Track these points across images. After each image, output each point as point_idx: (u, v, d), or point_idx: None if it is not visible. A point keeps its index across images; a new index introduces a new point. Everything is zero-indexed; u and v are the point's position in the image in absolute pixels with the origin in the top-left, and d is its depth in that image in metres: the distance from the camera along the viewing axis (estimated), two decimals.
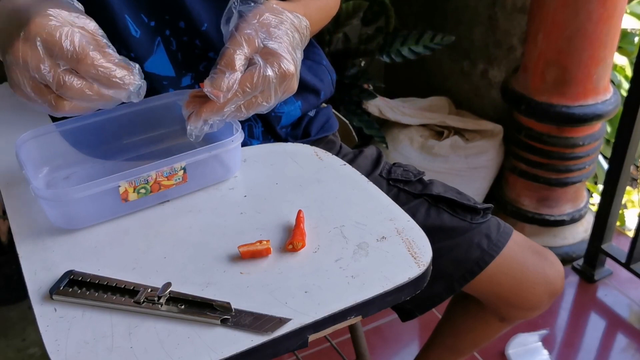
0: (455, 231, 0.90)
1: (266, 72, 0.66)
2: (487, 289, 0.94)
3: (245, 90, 0.66)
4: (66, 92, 0.60)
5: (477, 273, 0.90)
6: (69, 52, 0.58)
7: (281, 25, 0.70)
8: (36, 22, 0.58)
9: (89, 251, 0.67)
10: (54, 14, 0.60)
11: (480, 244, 0.90)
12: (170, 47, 0.85)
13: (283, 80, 0.68)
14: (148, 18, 0.82)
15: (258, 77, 0.66)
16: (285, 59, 0.68)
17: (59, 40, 0.58)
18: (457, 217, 0.91)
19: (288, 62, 0.68)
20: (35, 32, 0.58)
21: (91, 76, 0.60)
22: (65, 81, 0.59)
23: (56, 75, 0.59)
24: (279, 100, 0.70)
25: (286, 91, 0.70)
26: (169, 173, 0.71)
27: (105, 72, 0.60)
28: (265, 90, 0.68)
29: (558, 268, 0.97)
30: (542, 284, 0.95)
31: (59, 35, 0.58)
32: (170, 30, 0.84)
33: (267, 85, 0.67)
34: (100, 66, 0.60)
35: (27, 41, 0.58)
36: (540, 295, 0.96)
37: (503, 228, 0.93)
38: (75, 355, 0.55)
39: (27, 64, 0.58)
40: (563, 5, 1.52)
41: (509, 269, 0.92)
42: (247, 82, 0.66)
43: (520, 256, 0.93)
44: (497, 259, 0.90)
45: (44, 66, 0.58)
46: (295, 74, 0.70)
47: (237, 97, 0.66)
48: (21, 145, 0.74)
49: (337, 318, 0.59)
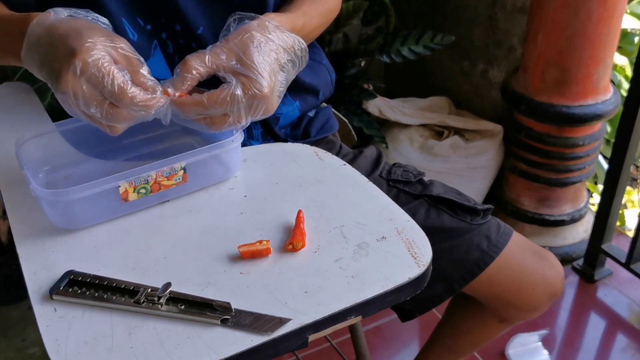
0: (455, 232, 0.90)
1: (235, 91, 0.67)
2: (486, 290, 0.94)
3: (210, 103, 0.67)
4: (111, 120, 0.65)
5: (477, 274, 0.90)
6: (112, 93, 0.63)
7: (265, 45, 0.70)
8: (81, 58, 0.63)
9: (89, 251, 0.67)
10: (91, 46, 0.64)
11: (480, 245, 0.90)
12: (167, 50, 0.85)
13: (253, 101, 0.68)
14: (144, 22, 0.83)
15: (225, 94, 0.67)
16: (258, 82, 0.68)
17: (102, 81, 0.63)
18: (457, 218, 0.91)
19: (260, 85, 0.68)
20: (82, 70, 0.63)
21: (133, 111, 0.65)
22: (111, 112, 0.64)
23: (102, 109, 0.64)
24: (253, 119, 0.70)
25: (260, 112, 0.70)
26: (169, 173, 0.71)
27: (144, 105, 0.65)
28: (235, 111, 0.68)
29: (558, 269, 0.97)
30: (541, 285, 0.95)
31: (101, 76, 0.63)
32: (167, 34, 0.84)
33: (236, 105, 0.67)
34: (137, 103, 0.64)
35: (75, 76, 0.63)
36: (540, 296, 0.96)
37: (503, 229, 0.93)
38: (75, 355, 0.55)
39: (78, 99, 0.64)
40: (563, 5, 1.52)
41: (509, 270, 0.92)
42: (214, 97, 0.67)
43: (520, 257, 0.93)
44: (496, 260, 0.90)
45: (92, 104, 0.64)
46: (271, 97, 0.69)
47: (202, 105, 0.67)
48: (21, 145, 0.74)
49: (337, 318, 0.59)
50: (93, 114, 0.64)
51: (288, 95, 0.94)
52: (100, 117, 0.64)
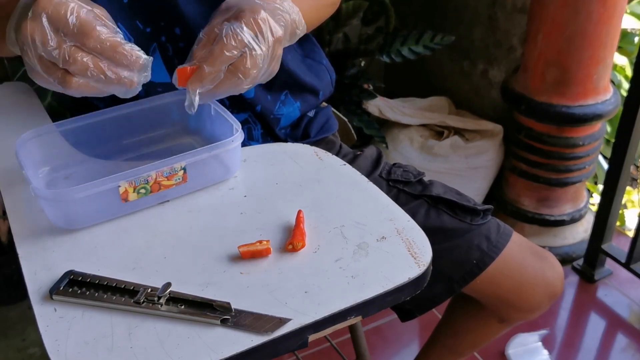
0: (455, 232, 0.90)
1: (232, 26, 0.64)
2: (486, 290, 0.94)
3: (220, 53, 0.64)
4: (71, 67, 0.60)
5: (476, 274, 0.90)
6: (75, 27, 0.59)
7: (266, 6, 0.68)
8: (43, 0, 0.59)
9: (89, 251, 0.67)
10: None
11: (480, 246, 0.90)
12: (167, 53, 0.85)
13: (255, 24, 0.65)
14: (143, 25, 0.82)
15: (225, 34, 0.64)
16: (248, 10, 0.66)
17: (64, 15, 0.59)
18: (456, 219, 0.91)
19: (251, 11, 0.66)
20: (42, 9, 0.59)
21: (98, 51, 0.60)
22: (70, 56, 0.59)
23: (62, 50, 0.59)
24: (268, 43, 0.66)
25: (270, 33, 0.66)
26: (169, 173, 0.71)
27: (111, 45, 0.60)
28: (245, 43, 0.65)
29: (558, 270, 0.97)
30: (541, 285, 0.95)
31: (64, 11, 0.59)
32: (166, 37, 0.84)
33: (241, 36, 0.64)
34: (106, 40, 0.60)
35: (35, 19, 0.59)
36: (540, 297, 0.96)
37: (503, 229, 0.93)
38: (75, 355, 0.55)
39: (34, 41, 0.59)
40: (563, 5, 1.52)
41: (509, 271, 0.92)
42: (217, 46, 0.64)
43: (520, 258, 0.93)
44: (496, 260, 0.90)
45: (50, 42, 0.59)
46: (267, 18, 0.66)
47: (217, 59, 0.64)
48: (21, 145, 0.74)
49: (337, 318, 0.59)
50: (49, 58, 0.60)
51: (289, 95, 0.94)
52: (56, 57, 0.59)
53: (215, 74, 0.65)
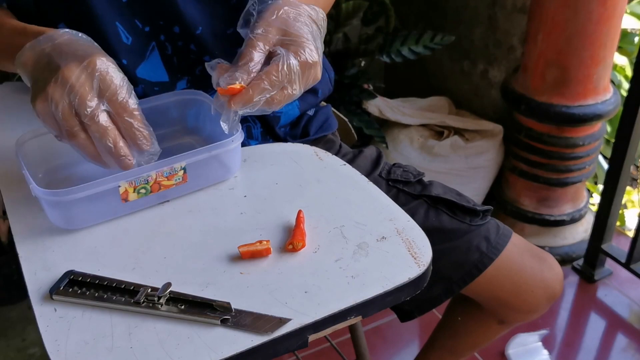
0: (455, 233, 0.90)
1: (289, 60, 0.68)
2: (485, 291, 0.94)
3: (273, 81, 0.67)
4: (92, 126, 0.63)
5: (476, 276, 0.90)
6: (119, 97, 0.64)
7: (299, 17, 0.72)
8: (101, 59, 0.64)
9: (89, 251, 0.67)
10: (113, 62, 0.65)
11: (480, 247, 0.89)
12: (166, 52, 0.85)
13: (306, 68, 0.69)
14: (142, 24, 0.82)
15: (282, 66, 0.67)
16: (308, 47, 0.69)
17: (115, 85, 0.64)
18: (456, 219, 0.90)
19: (310, 50, 0.69)
20: (98, 68, 0.63)
21: (127, 124, 0.64)
22: (99, 117, 0.63)
23: (96, 109, 0.63)
24: (305, 88, 0.71)
25: (311, 78, 0.71)
26: (169, 173, 0.71)
27: (140, 125, 0.65)
28: (292, 80, 0.68)
29: (557, 271, 0.97)
30: (540, 287, 0.95)
31: (116, 80, 0.64)
32: (165, 36, 0.84)
33: (293, 74, 0.68)
34: (138, 119, 0.65)
35: (86, 71, 0.63)
36: (539, 298, 0.96)
37: (502, 230, 0.92)
38: (75, 355, 0.55)
39: (74, 89, 0.62)
40: (563, 5, 1.52)
41: (508, 272, 0.92)
42: (273, 73, 0.67)
43: (519, 259, 0.93)
44: (496, 261, 0.90)
45: (90, 98, 0.62)
46: (319, 62, 0.71)
47: (267, 89, 0.67)
48: (21, 145, 0.74)
49: (337, 318, 0.59)
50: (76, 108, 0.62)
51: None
52: (87, 112, 0.62)
53: (259, 102, 0.68)
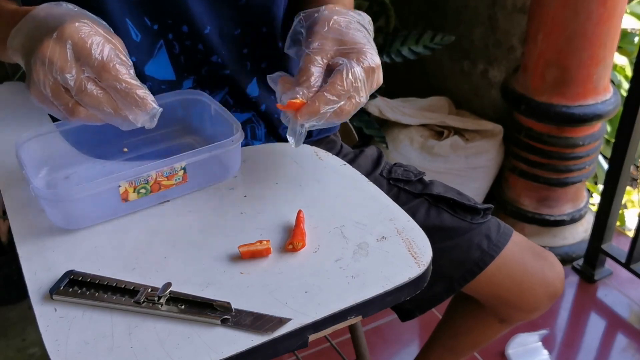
0: (455, 231, 0.90)
1: (354, 69, 0.67)
2: (486, 290, 0.94)
3: (338, 91, 0.66)
4: (84, 99, 0.60)
5: (476, 274, 0.90)
6: (96, 60, 0.60)
7: (350, 25, 0.71)
8: (71, 26, 0.60)
9: (89, 251, 0.67)
10: (88, 23, 0.61)
11: (480, 245, 0.89)
12: (173, 50, 0.85)
13: (370, 73, 0.68)
14: (151, 21, 0.82)
15: (347, 74, 0.66)
16: (369, 53, 0.69)
17: (89, 47, 0.60)
18: (457, 217, 0.90)
19: (372, 55, 0.69)
20: (68, 35, 0.59)
21: (113, 87, 0.60)
22: (87, 87, 0.60)
23: (79, 79, 0.60)
24: (370, 93, 0.70)
25: (375, 83, 0.70)
26: (169, 173, 0.71)
27: (128, 87, 0.61)
28: (358, 88, 0.67)
29: (558, 270, 0.97)
30: (541, 285, 0.95)
31: (90, 43, 0.60)
32: (173, 34, 0.84)
33: (359, 81, 0.67)
34: (123, 80, 0.61)
35: (59, 42, 0.59)
36: (540, 296, 0.96)
37: (503, 229, 0.92)
38: (76, 355, 0.55)
39: (53, 64, 0.59)
40: (563, 6, 1.52)
41: (509, 270, 0.92)
42: (338, 83, 0.66)
43: (520, 257, 0.93)
44: (496, 260, 0.90)
45: (69, 69, 0.59)
46: (380, 65, 0.70)
47: (332, 100, 0.66)
48: (21, 145, 0.74)
49: (337, 318, 0.59)
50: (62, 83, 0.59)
51: None
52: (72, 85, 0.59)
53: (326, 114, 0.67)
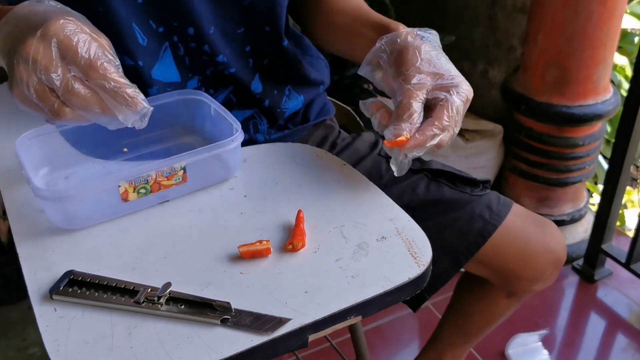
0: (457, 203, 0.90)
1: (455, 102, 0.69)
2: (492, 261, 0.94)
3: (444, 126, 0.68)
4: (71, 99, 0.58)
5: (481, 244, 0.90)
6: (82, 59, 0.57)
7: (436, 52, 0.73)
8: (55, 24, 0.57)
9: (89, 251, 0.67)
10: (73, 21, 0.58)
11: (482, 215, 0.90)
12: (178, 52, 0.85)
13: (468, 103, 0.71)
14: (156, 25, 0.82)
15: (451, 109, 0.68)
16: (464, 84, 0.70)
17: (75, 45, 0.57)
18: (457, 190, 0.91)
19: (467, 86, 0.71)
20: (53, 33, 0.57)
21: (101, 87, 0.58)
22: (74, 87, 0.57)
23: (65, 79, 0.57)
24: None
25: (466, 110, 0.72)
26: (169, 173, 0.71)
27: (117, 85, 0.58)
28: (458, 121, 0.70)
29: (559, 237, 0.98)
30: (544, 253, 0.96)
31: (76, 40, 0.57)
32: (179, 36, 0.84)
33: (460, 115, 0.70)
34: (112, 79, 0.58)
35: (43, 40, 0.57)
36: (544, 264, 0.96)
37: (503, 200, 0.93)
38: (75, 355, 0.55)
39: (37, 63, 0.56)
40: (563, 6, 1.52)
41: (512, 239, 0.93)
42: (445, 119, 0.68)
43: (522, 226, 0.94)
44: (499, 229, 0.90)
45: (54, 68, 0.57)
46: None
47: (437, 134, 0.68)
48: (21, 145, 0.74)
49: (337, 318, 0.59)
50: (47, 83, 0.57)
51: (292, 90, 0.95)
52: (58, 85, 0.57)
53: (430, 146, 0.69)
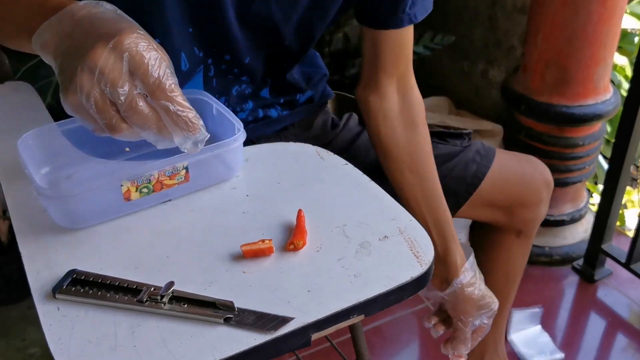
0: (450, 155, 1.04)
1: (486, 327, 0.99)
2: (495, 198, 1.05)
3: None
4: (132, 116, 0.56)
5: (477, 185, 1.03)
6: (152, 78, 0.55)
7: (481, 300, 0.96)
8: (129, 37, 0.54)
9: (92, 250, 0.67)
10: (144, 36, 0.56)
11: (475, 159, 1.04)
12: (208, 73, 0.89)
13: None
14: (199, 50, 0.86)
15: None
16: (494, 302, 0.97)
17: (147, 63, 0.55)
18: (448, 145, 1.06)
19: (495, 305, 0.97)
20: (126, 47, 0.54)
21: (164, 107, 0.56)
22: (137, 104, 0.55)
23: (131, 95, 0.55)
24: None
25: None
26: (171, 172, 0.71)
27: (180, 109, 0.56)
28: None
29: (542, 164, 1.13)
30: (536, 175, 1.10)
31: (148, 58, 0.55)
32: (213, 60, 0.88)
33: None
34: (177, 102, 0.56)
35: (114, 52, 0.54)
36: (539, 186, 1.10)
37: (487, 146, 1.07)
38: (79, 354, 0.55)
39: (103, 75, 0.53)
40: (563, 6, 1.52)
41: (506, 173, 1.06)
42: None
43: (510, 161, 1.09)
44: (492, 167, 1.04)
45: (122, 83, 0.54)
46: None
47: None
48: (23, 144, 0.74)
49: (340, 317, 0.59)
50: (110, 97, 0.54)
51: (304, 85, 1.03)
52: (122, 100, 0.54)
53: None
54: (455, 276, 0.94)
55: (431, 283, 0.97)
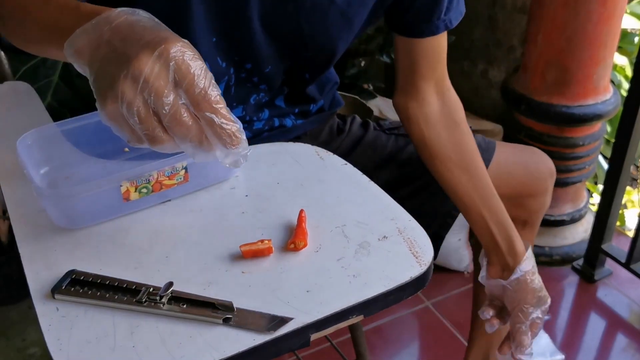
0: None
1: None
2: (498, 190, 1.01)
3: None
4: (175, 128, 0.53)
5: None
6: (197, 89, 0.52)
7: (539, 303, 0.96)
8: (175, 46, 0.52)
9: (91, 250, 0.67)
10: (189, 45, 0.54)
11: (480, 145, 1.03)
12: (229, 82, 0.88)
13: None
14: (221, 60, 0.86)
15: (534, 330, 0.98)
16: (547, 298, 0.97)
17: (193, 73, 0.52)
18: None
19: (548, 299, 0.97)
20: (173, 56, 0.52)
21: (208, 120, 0.53)
22: (182, 116, 0.52)
23: (175, 106, 0.52)
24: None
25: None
26: (170, 172, 0.71)
27: (224, 122, 0.54)
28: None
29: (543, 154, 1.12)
30: (540, 165, 1.09)
31: (194, 68, 0.52)
32: (234, 69, 0.88)
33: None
34: (222, 114, 0.54)
35: (159, 60, 0.51)
36: (544, 174, 1.09)
37: (488, 140, 1.08)
38: (78, 354, 0.55)
39: (148, 83, 0.51)
40: (563, 6, 1.52)
41: (509, 165, 1.06)
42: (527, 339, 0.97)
43: (512, 153, 1.09)
44: (494, 160, 1.03)
45: (167, 93, 0.52)
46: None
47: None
48: (23, 145, 0.74)
49: (339, 317, 0.59)
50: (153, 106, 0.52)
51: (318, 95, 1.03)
52: (166, 111, 0.52)
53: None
54: (518, 263, 0.94)
55: (489, 273, 0.97)
